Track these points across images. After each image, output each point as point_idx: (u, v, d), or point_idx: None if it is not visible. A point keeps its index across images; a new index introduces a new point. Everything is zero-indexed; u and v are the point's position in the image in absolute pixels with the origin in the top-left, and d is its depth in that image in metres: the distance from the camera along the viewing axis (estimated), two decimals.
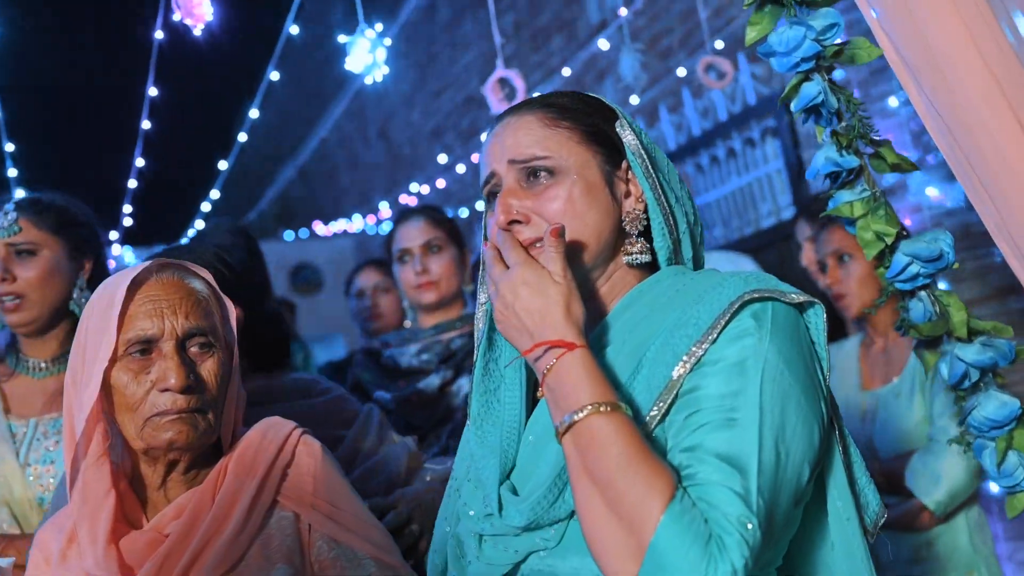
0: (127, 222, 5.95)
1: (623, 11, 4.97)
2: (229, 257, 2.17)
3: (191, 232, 7.87)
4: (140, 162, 5.05)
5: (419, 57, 8.66)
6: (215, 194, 6.91)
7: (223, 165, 6.36)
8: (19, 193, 3.48)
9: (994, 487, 3.55)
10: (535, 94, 1.71)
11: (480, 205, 7.31)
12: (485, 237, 1.41)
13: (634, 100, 5.44)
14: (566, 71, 5.83)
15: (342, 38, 3.39)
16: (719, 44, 4.69)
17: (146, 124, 4.55)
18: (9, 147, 4.08)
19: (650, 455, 1.11)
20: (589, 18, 6.18)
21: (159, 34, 3.67)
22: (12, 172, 3.86)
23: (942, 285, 1.81)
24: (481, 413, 1.38)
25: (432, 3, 8.35)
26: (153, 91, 4.18)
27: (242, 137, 5.83)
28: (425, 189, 7.42)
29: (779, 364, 1.18)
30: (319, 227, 9.33)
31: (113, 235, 6.13)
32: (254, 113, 5.45)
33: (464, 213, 7.48)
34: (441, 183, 7.26)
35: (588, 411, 1.14)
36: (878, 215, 1.70)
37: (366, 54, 3.38)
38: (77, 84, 8.90)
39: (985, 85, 1.71)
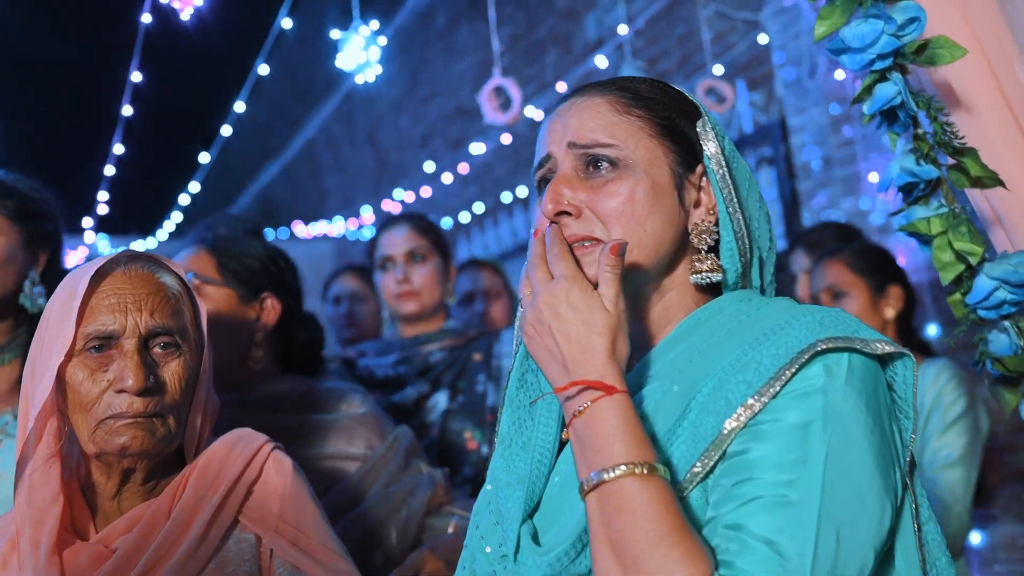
0: (102, 210, 5.80)
1: (623, 28, 4.91)
2: (275, 251, 2.11)
3: (167, 224, 7.73)
4: (119, 148, 4.90)
5: (411, 62, 8.57)
6: (195, 187, 6.78)
7: (205, 158, 6.21)
8: None
9: (975, 539, 3.49)
10: (528, 106, 1.57)
11: (464, 217, 7.27)
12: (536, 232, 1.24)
13: None
14: (560, 86, 5.77)
15: (335, 33, 3.29)
16: (719, 69, 4.64)
17: (127, 110, 4.42)
18: None
19: (687, 533, 0.95)
20: (586, 35, 6.12)
21: (146, 17, 3.55)
22: None
23: (934, 329, 1.69)
24: (511, 433, 1.22)
25: (428, 9, 8.27)
26: (136, 76, 4.05)
27: (226, 130, 5.70)
28: (410, 196, 7.31)
29: (851, 431, 1.00)
30: (299, 228, 9.19)
31: (87, 222, 5.98)
32: (240, 106, 5.33)
33: (448, 223, 7.38)
34: (426, 191, 7.16)
35: (622, 471, 0.98)
36: (960, 232, 1.53)
37: (359, 52, 3.29)
38: (57, 64, 8.75)
39: (1002, 117, 1.65)
